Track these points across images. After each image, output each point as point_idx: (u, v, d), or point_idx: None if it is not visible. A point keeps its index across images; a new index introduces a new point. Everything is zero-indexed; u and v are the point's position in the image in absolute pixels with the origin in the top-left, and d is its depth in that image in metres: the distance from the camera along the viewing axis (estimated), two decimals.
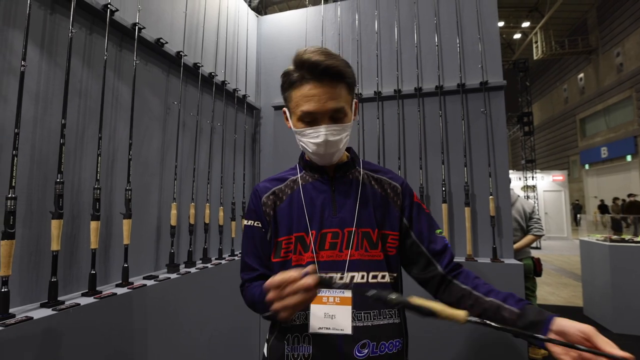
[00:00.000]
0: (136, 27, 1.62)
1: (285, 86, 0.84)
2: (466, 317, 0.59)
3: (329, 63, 0.77)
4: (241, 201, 2.58)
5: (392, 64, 2.54)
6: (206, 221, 2.13)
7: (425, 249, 0.88)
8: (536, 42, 16.26)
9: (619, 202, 12.84)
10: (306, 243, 0.84)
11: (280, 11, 3.24)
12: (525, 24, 16.65)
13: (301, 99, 0.79)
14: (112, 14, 1.47)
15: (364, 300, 0.80)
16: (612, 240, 3.77)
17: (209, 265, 2.05)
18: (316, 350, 0.78)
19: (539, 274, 2.92)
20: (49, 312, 1.13)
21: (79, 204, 1.38)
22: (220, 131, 2.40)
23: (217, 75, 2.31)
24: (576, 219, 15.29)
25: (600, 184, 15.92)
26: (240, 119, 2.66)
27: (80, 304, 1.21)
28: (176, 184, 1.89)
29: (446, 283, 0.85)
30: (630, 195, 11.98)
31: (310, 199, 0.87)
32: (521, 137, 13.60)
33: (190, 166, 2.08)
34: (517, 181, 12.54)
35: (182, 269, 1.89)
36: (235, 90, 2.52)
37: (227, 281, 2.12)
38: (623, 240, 3.76)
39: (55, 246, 1.19)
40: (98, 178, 1.38)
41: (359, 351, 0.77)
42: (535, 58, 16.53)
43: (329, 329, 0.78)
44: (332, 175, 0.90)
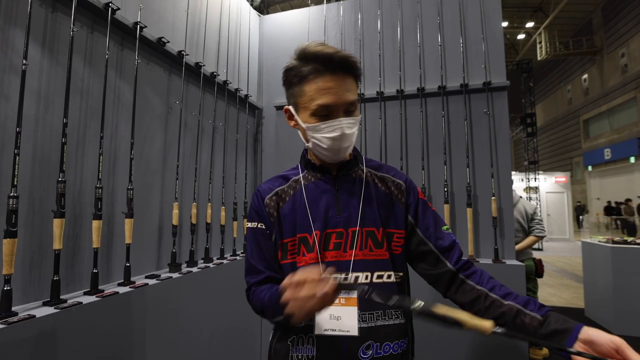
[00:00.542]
0: (138, 26, 1.62)
1: (294, 81, 0.80)
2: (492, 328, 0.56)
3: (343, 55, 0.76)
4: (243, 201, 2.58)
5: (395, 64, 2.53)
6: (208, 221, 2.14)
7: (433, 245, 0.86)
8: (540, 42, 16.18)
9: (632, 203, 12.57)
10: (309, 244, 0.82)
11: (282, 10, 3.23)
12: (530, 24, 16.56)
13: (316, 92, 0.77)
14: (113, 12, 1.47)
15: (370, 301, 0.78)
16: (614, 242, 3.75)
17: (210, 264, 2.06)
18: (320, 351, 0.77)
19: (540, 275, 2.90)
20: (51, 310, 1.13)
21: (81, 203, 1.39)
22: (222, 131, 2.40)
23: (219, 75, 2.31)
24: (578, 221, 15.20)
25: (604, 185, 15.83)
26: (242, 118, 2.66)
27: (82, 303, 1.22)
28: (178, 183, 1.89)
29: (458, 282, 0.82)
30: None
31: (314, 198, 0.86)
32: (524, 138, 13.54)
33: (192, 166, 2.08)
34: (519, 182, 12.49)
35: (184, 268, 1.89)
36: (237, 90, 2.51)
37: (229, 281, 2.12)
38: (625, 242, 3.74)
39: (57, 245, 1.20)
40: (100, 177, 1.39)
41: (363, 352, 0.76)
42: (539, 58, 16.45)
43: (335, 330, 0.76)
44: (334, 174, 0.88)
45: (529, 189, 12.43)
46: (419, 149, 2.40)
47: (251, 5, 2.89)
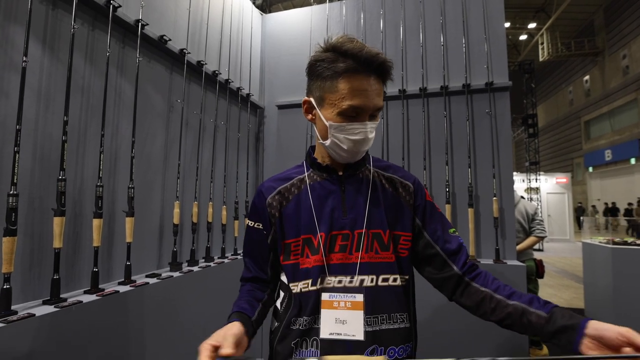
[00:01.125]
0: (139, 24, 1.61)
1: (326, 74, 0.76)
2: None
3: (384, 59, 0.75)
4: (244, 200, 2.58)
5: (397, 64, 2.52)
6: (209, 220, 2.13)
7: (440, 249, 0.84)
8: (542, 43, 16.16)
9: None
10: (314, 245, 0.80)
11: (285, 9, 3.22)
12: (532, 25, 16.53)
13: (350, 92, 0.74)
14: (114, 10, 1.46)
15: (375, 303, 0.77)
16: (614, 243, 3.75)
17: (211, 264, 2.05)
18: (324, 355, 0.75)
19: (541, 275, 2.89)
20: (51, 309, 1.13)
21: (81, 201, 1.38)
22: (223, 130, 2.39)
23: (220, 74, 2.30)
24: (579, 222, 15.19)
25: (604, 186, 15.82)
26: (244, 117, 2.65)
27: (82, 302, 1.21)
28: (179, 182, 1.88)
29: (464, 285, 0.81)
30: None
31: (319, 199, 0.84)
32: (525, 139, 13.52)
33: (194, 165, 2.07)
34: (520, 183, 12.48)
35: (185, 267, 1.89)
36: (239, 88, 2.51)
37: (230, 280, 2.11)
38: (625, 243, 3.73)
39: (57, 243, 1.19)
40: (100, 175, 1.38)
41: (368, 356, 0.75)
42: (541, 59, 16.44)
43: (340, 334, 0.75)
44: (341, 174, 0.86)
45: (530, 189, 12.42)
46: (420, 148, 2.39)
47: (253, 3, 2.88)
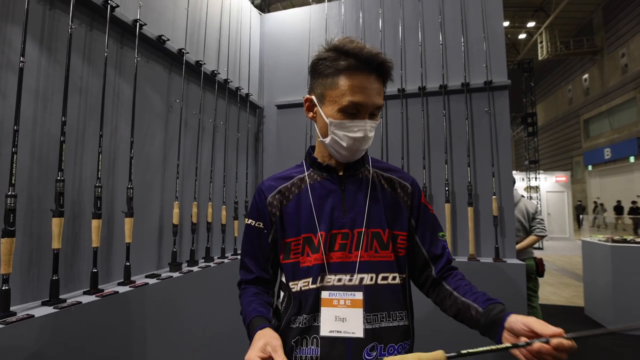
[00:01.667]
0: (137, 24, 1.61)
1: (328, 72, 0.78)
2: (444, 356, 0.63)
3: (384, 59, 0.77)
4: (244, 200, 2.57)
5: (396, 63, 2.52)
6: (209, 220, 2.13)
7: (426, 251, 0.88)
8: (541, 42, 16.17)
9: None
10: (314, 244, 0.81)
11: (283, 9, 3.22)
12: (531, 24, 16.54)
13: (350, 89, 0.76)
14: (112, 10, 1.46)
15: (374, 302, 0.78)
16: (613, 241, 3.75)
17: (211, 264, 2.05)
18: (324, 352, 0.76)
19: (541, 274, 2.89)
20: (50, 310, 1.12)
21: (80, 202, 1.38)
22: (222, 130, 2.38)
23: (219, 74, 2.30)
24: (579, 220, 15.19)
25: (603, 185, 15.84)
26: (243, 117, 2.65)
27: (81, 303, 1.21)
28: (178, 182, 1.88)
29: (436, 284, 0.87)
30: None
31: (319, 198, 0.85)
32: (525, 138, 13.52)
33: (193, 165, 2.07)
34: (520, 182, 12.48)
35: (185, 267, 1.88)
36: (238, 88, 2.50)
37: (230, 280, 2.10)
38: (625, 241, 3.74)
39: (56, 244, 1.19)
40: (99, 176, 1.38)
41: (367, 354, 0.75)
42: (540, 58, 16.44)
43: (340, 332, 0.76)
44: (341, 173, 0.87)
45: (529, 188, 12.43)
46: (420, 147, 2.39)
47: (252, 3, 2.88)
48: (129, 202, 1.52)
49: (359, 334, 0.75)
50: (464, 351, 0.63)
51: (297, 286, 0.81)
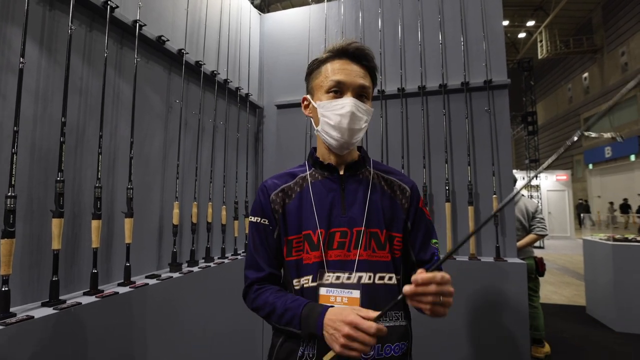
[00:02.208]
0: (137, 24, 1.60)
1: (314, 67, 0.89)
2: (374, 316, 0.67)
3: (358, 45, 0.85)
4: (244, 200, 2.57)
5: (396, 62, 2.52)
6: (209, 220, 2.12)
7: (415, 255, 0.90)
8: (541, 41, 16.14)
9: None
10: (314, 242, 0.83)
11: (283, 9, 3.22)
12: (530, 23, 16.52)
13: (332, 71, 0.84)
14: (112, 10, 1.46)
15: (371, 301, 0.79)
16: (615, 240, 3.75)
17: (211, 264, 2.05)
18: (321, 350, 0.76)
19: (541, 273, 2.89)
20: (50, 311, 1.12)
21: (80, 202, 1.38)
22: (222, 130, 2.38)
23: (219, 74, 2.30)
24: (580, 219, 15.16)
25: (604, 183, 15.82)
26: (243, 117, 2.65)
27: (81, 303, 1.21)
28: (178, 182, 1.88)
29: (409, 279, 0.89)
30: None
31: (320, 197, 0.86)
32: (525, 137, 13.51)
33: (193, 165, 2.07)
34: (521, 181, 12.46)
35: (185, 268, 1.88)
36: (237, 88, 2.50)
37: (230, 281, 2.11)
38: (626, 240, 3.73)
39: (56, 245, 1.19)
40: (99, 177, 1.38)
41: (364, 353, 0.75)
42: (539, 57, 16.41)
43: None
44: (342, 173, 0.89)
45: (530, 187, 12.42)
46: (420, 147, 2.39)
47: (252, 3, 2.88)
48: (128, 202, 1.52)
49: None
50: (380, 312, 0.69)
51: (299, 283, 0.83)
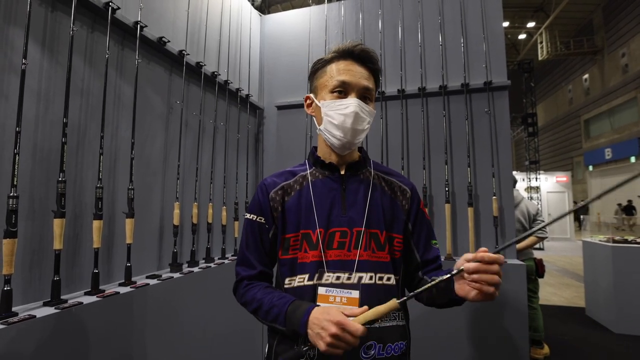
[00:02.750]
0: (138, 26, 1.61)
1: (318, 66, 0.89)
2: (396, 302, 0.69)
3: (364, 47, 0.86)
4: (244, 201, 2.58)
5: (396, 64, 2.52)
6: (209, 221, 2.13)
7: (419, 256, 0.91)
8: (541, 42, 16.14)
9: None
10: (312, 241, 0.83)
11: (283, 10, 3.23)
12: (531, 24, 16.51)
13: (337, 71, 0.85)
14: (113, 12, 1.47)
15: (370, 301, 0.78)
16: (614, 242, 3.75)
17: (212, 265, 2.05)
18: (322, 354, 0.76)
19: (541, 275, 2.89)
20: (51, 310, 1.13)
21: (81, 203, 1.38)
22: (223, 131, 2.39)
23: (220, 75, 2.30)
24: (580, 221, 15.14)
25: (604, 185, 15.80)
26: (243, 118, 2.66)
27: (83, 303, 1.21)
28: (179, 183, 1.88)
29: (419, 280, 0.91)
30: None
31: (320, 196, 0.86)
32: (525, 138, 13.52)
33: (193, 166, 2.07)
34: (520, 182, 12.48)
35: (185, 268, 1.89)
36: (238, 89, 2.51)
37: (231, 281, 2.09)
38: (626, 242, 3.74)
39: (57, 245, 1.19)
40: (100, 177, 1.38)
41: (364, 352, 0.76)
42: (540, 58, 16.41)
43: None
44: (343, 173, 0.89)
45: (530, 188, 12.43)
46: (420, 148, 2.39)
47: (252, 5, 2.89)
48: (129, 202, 1.53)
49: None
50: (411, 293, 0.71)
51: (293, 282, 0.83)
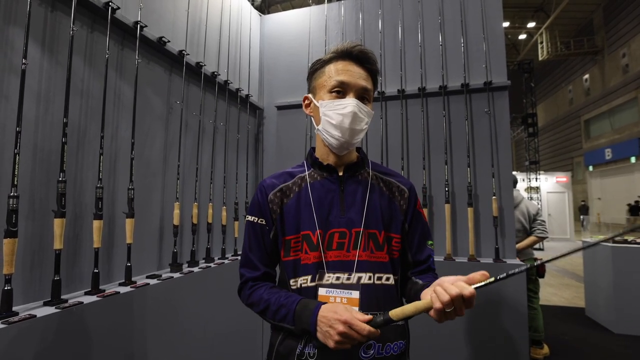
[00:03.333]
0: (138, 26, 1.61)
1: (317, 66, 0.89)
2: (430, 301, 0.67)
3: (362, 48, 0.86)
4: (244, 201, 2.58)
5: (396, 64, 2.52)
6: (209, 221, 2.13)
7: (411, 256, 0.91)
8: (541, 42, 16.14)
9: None
10: (313, 242, 0.83)
11: (283, 10, 3.23)
12: (531, 25, 16.51)
13: (335, 71, 0.85)
14: (113, 12, 1.47)
15: (370, 301, 0.80)
16: (614, 242, 3.75)
17: (212, 264, 2.05)
18: (321, 349, 0.77)
19: (541, 275, 2.89)
20: (52, 310, 1.13)
21: (81, 203, 1.38)
22: (223, 131, 2.39)
23: (219, 75, 2.31)
24: (581, 221, 15.13)
25: (604, 185, 15.81)
26: (243, 118, 2.66)
27: (83, 303, 1.22)
28: (179, 183, 1.89)
29: (406, 279, 0.92)
30: None
31: (319, 197, 0.87)
32: (525, 138, 13.53)
33: (193, 166, 2.08)
34: (520, 182, 12.47)
35: (185, 268, 1.89)
36: (238, 89, 2.51)
37: (231, 281, 2.11)
38: (626, 242, 3.73)
39: (58, 245, 1.19)
40: (100, 177, 1.38)
41: (364, 352, 0.77)
42: (540, 59, 16.40)
43: None
44: (341, 174, 0.90)
45: (530, 189, 12.42)
46: (419, 148, 2.39)
47: (252, 4, 2.89)
48: (129, 203, 1.53)
49: None
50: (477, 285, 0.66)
51: (297, 283, 0.83)
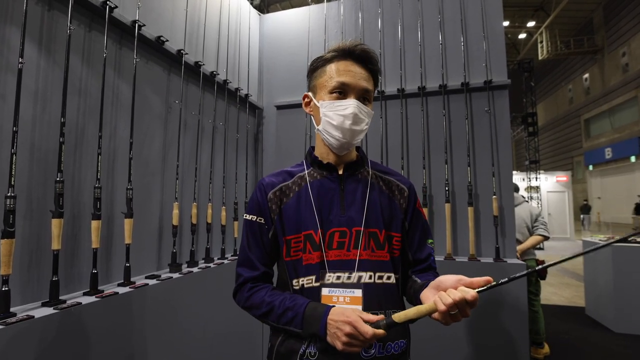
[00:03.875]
0: (136, 25, 1.61)
1: (318, 64, 0.88)
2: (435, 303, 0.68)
3: (364, 48, 0.85)
4: (244, 201, 2.57)
5: (396, 63, 2.52)
6: (208, 221, 2.13)
7: (412, 255, 0.91)
8: (541, 41, 16.13)
9: None
10: (315, 242, 0.83)
11: (282, 9, 3.22)
12: (531, 24, 16.51)
13: (336, 72, 0.84)
14: (111, 10, 1.46)
15: (372, 300, 0.79)
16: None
17: (211, 265, 2.05)
18: (322, 348, 0.77)
19: (543, 276, 2.88)
20: (50, 311, 1.12)
21: (79, 203, 1.38)
22: (222, 130, 2.38)
23: (218, 74, 2.30)
24: (582, 220, 15.12)
25: (604, 184, 15.81)
26: (243, 118, 2.65)
27: (81, 303, 1.21)
28: (178, 183, 1.88)
29: (407, 277, 0.92)
30: None
31: (318, 196, 0.86)
32: (525, 138, 13.52)
33: (192, 165, 2.07)
34: (520, 182, 12.46)
35: (185, 268, 1.88)
36: (237, 89, 2.50)
37: (230, 281, 2.09)
38: (625, 241, 3.73)
39: (56, 245, 1.19)
40: (99, 177, 1.38)
41: (365, 351, 0.77)
42: (540, 58, 16.40)
43: None
44: (341, 173, 0.89)
45: (530, 188, 12.42)
46: (419, 148, 2.38)
47: (251, 4, 2.88)
48: (128, 203, 1.52)
49: None
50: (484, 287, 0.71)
51: (299, 284, 0.82)
